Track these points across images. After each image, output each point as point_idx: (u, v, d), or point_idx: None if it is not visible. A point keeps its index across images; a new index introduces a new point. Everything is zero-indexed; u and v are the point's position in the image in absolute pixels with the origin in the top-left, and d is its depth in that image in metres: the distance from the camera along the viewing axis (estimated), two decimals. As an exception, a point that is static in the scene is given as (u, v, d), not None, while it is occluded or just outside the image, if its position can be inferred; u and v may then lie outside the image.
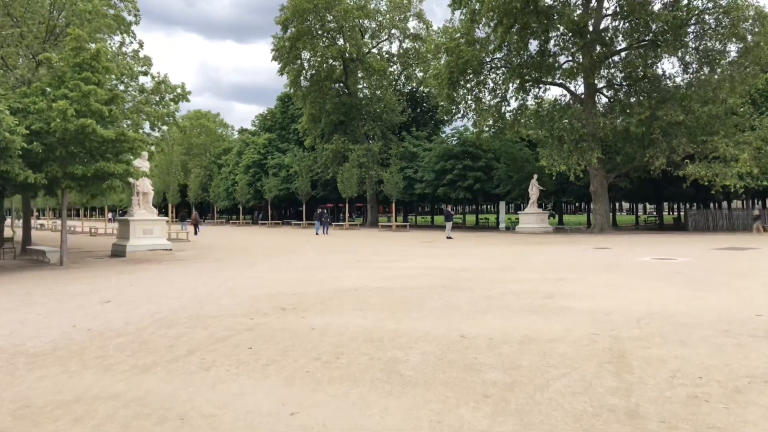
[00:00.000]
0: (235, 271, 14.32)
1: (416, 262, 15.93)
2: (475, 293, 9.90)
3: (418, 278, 12.17)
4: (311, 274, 13.36)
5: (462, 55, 33.71)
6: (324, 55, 47.27)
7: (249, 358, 5.86)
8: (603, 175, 33.92)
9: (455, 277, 12.19)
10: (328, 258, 17.80)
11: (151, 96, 24.47)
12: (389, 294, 9.93)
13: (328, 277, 12.52)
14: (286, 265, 15.62)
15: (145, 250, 19.86)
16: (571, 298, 9.23)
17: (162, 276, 13.71)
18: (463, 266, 14.56)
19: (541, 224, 35.32)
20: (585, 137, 31.82)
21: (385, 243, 26.01)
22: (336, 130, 49.45)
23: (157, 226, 20.59)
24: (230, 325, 7.56)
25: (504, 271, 13.50)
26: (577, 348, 6.00)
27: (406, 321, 7.57)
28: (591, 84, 33.56)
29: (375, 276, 12.67)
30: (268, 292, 10.51)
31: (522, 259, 16.71)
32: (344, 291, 10.41)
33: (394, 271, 13.75)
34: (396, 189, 41.24)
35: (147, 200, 20.75)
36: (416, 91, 55.19)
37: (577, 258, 16.72)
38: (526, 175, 37.60)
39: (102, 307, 9.25)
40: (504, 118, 36.86)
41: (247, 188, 58.01)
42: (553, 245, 22.88)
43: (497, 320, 7.53)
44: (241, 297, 9.97)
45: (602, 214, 34.21)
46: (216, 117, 77.50)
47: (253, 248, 23.47)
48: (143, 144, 17.62)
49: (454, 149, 41.11)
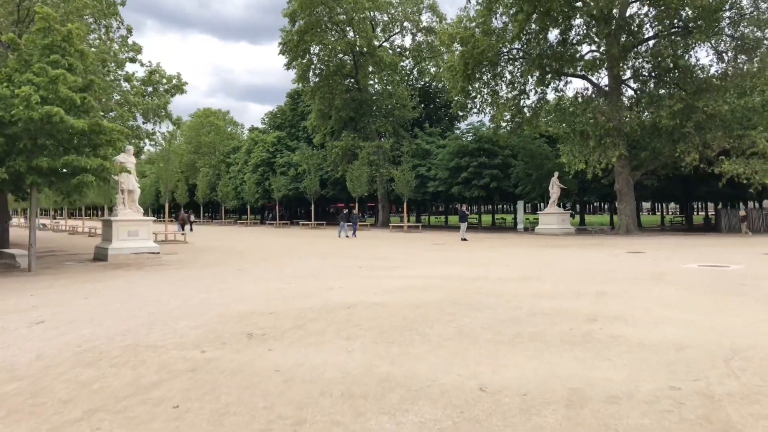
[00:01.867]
0: (216, 280, 12.45)
1: (426, 270, 13.93)
2: (496, 313, 7.89)
3: (427, 291, 10.18)
4: (301, 284, 11.43)
5: (477, 46, 31.62)
6: (333, 49, 45.42)
7: (165, 428, 3.93)
8: (628, 172, 31.63)
9: (471, 290, 10.18)
10: (327, 264, 15.87)
11: (142, 87, 22.80)
12: (388, 314, 7.96)
13: (319, 289, 10.58)
14: (276, 273, 13.72)
15: (129, 253, 18.10)
16: (620, 322, 7.18)
17: (131, 286, 11.87)
18: (479, 275, 12.54)
19: (562, 225, 33.08)
20: (610, 132, 29.57)
21: (394, 245, 24.04)
22: (346, 127, 47.59)
23: (143, 227, 18.81)
24: (170, 362, 5.65)
25: (528, 281, 11.45)
26: (656, 417, 3.98)
27: (405, 359, 5.60)
28: (616, 75, 31.30)
29: (375, 288, 10.70)
30: (241, 309, 8.60)
31: (547, 265, 14.63)
32: (333, 309, 8.46)
33: (400, 280, 11.77)
34: (408, 187, 39.22)
35: (133, 199, 18.99)
36: (429, 87, 53.16)
37: (611, 264, 14.59)
38: (545, 173, 35.38)
39: (27, 330, 7.39)
40: (522, 112, 34.68)
41: (256, 187, 56.37)
42: (579, 248, 20.74)
43: (529, 359, 5.52)
44: (206, 316, 8.07)
45: (628, 215, 31.92)
46: (225, 115, 76.04)
47: (250, 251, 21.65)
48: (123, 136, 15.83)
49: (469, 146, 38.98)
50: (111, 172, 15.69)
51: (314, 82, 47.71)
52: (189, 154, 70.27)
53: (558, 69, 33.16)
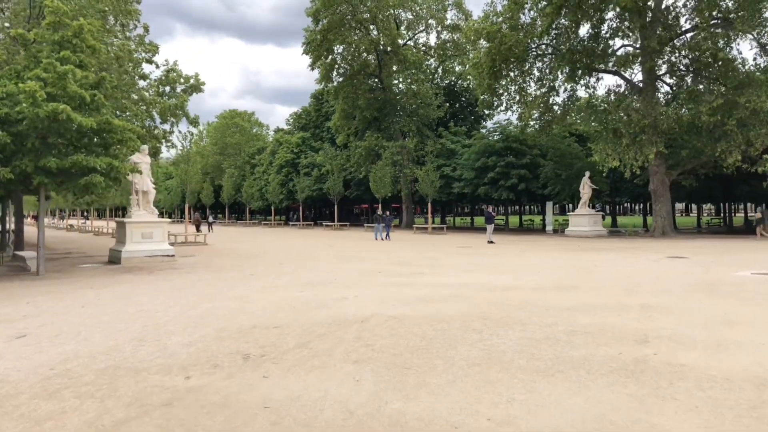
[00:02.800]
0: (225, 286, 11.68)
1: (450, 276, 12.95)
2: (528, 331, 6.90)
3: (450, 302, 9.22)
4: (314, 292, 10.57)
5: (504, 41, 30.44)
6: (357, 48, 44.68)
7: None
8: (664, 172, 30.08)
9: (500, 301, 9.18)
10: (345, 268, 15.00)
11: (159, 86, 22.32)
12: (405, 331, 7.03)
13: (331, 299, 9.70)
14: (289, 278, 12.89)
15: (142, 256, 17.53)
16: (678, 344, 6.12)
17: (135, 293, 11.17)
18: (509, 283, 11.51)
19: (594, 227, 31.66)
20: (645, 129, 28.10)
21: (417, 248, 23.07)
22: (369, 127, 46.79)
23: (158, 229, 18.22)
24: (146, 392, 4.82)
25: (564, 291, 10.39)
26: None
27: (422, 392, 4.66)
28: (651, 69, 29.76)
29: (394, 297, 9.78)
30: (243, 323, 7.77)
31: (583, 272, 13.50)
32: (345, 323, 7.56)
33: (421, 289, 10.83)
34: (432, 188, 38.16)
35: (147, 200, 18.42)
36: (454, 85, 52.03)
37: (654, 271, 13.40)
38: (575, 173, 33.98)
39: (4, 346, 6.67)
40: (552, 110, 33.34)
41: (280, 188, 55.99)
42: (615, 252, 19.48)
43: (573, 395, 4.53)
44: (203, 331, 7.26)
45: (663, 216, 30.36)
46: (251, 116, 75.98)
47: (267, 254, 20.93)
48: (135, 136, 15.23)
49: (496, 145, 37.74)
50: (121, 172, 15.11)
51: (338, 81, 47.05)
52: (215, 156, 70.35)
53: (589, 65, 31.74)
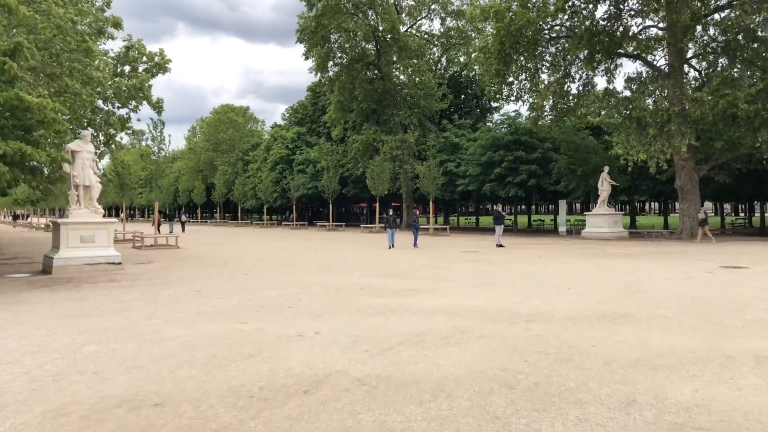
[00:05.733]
0: (143, 313, 8.59)
1: (454, 296, 9.84)
2: (593, 421, 3.78)
3: (453, 346, 6.13)
4: (258, 326, 7.48)
5: (515, 21, 27.28)
6: (354, 35, 41.50)
7: None
8: (692, 166, 26.88)
9: (528, 345, 6.09)
10: (321, 283, 11.90)
11: (117, 65, 19.28)
12: (372, 421, 3.93)
13: (277, 339, 6.61)
14: (239, 299, 9.79)
15: (81, 264, 14.46)
16: None
17: (13, 323, 8.10)
18: (534, 308, 8.40)
19: (614, 228, 28.47)
20: (674, 118, 24.89)
21: (415, 253, 19.96)
22: (367, 120, 43.67)
23: (102, 231, 15.11)
24: None
25: (616, 323, 7.28)
26: None
27: None
28: (681, 51, 26.52)
29: (370, 337, 6.69)
30: (112, 391, 4.70)
31: (627, 288, 10.36)
32: (275, 398, 4.48)
33: (412, 319, 7.74)
34: (434, 185, 35.00)
35: (90, 196, 15.33)
36: (459, 75, 48.81)
37: (720, 288, 10.24)
38: (592, 168, 30.79)
39: None
40: (567, 98, 30.12)
41: (274, 186, 52.92)
42: (650, 259, 16.32)
43: None
44: (29, 413, 4.19)
45: (692, 216, 27.15)
46: (245, 111, 72.86)
47: (239, 260, 17.85)
48: (58, 116, 12.19)
49: (504, 138, 34.50)
50: (41, 161, 12.06)
51: (334, 72, 43.94)
52: (207, 152, 67.35)
53: (609, 48, 28.52)
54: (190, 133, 76.07)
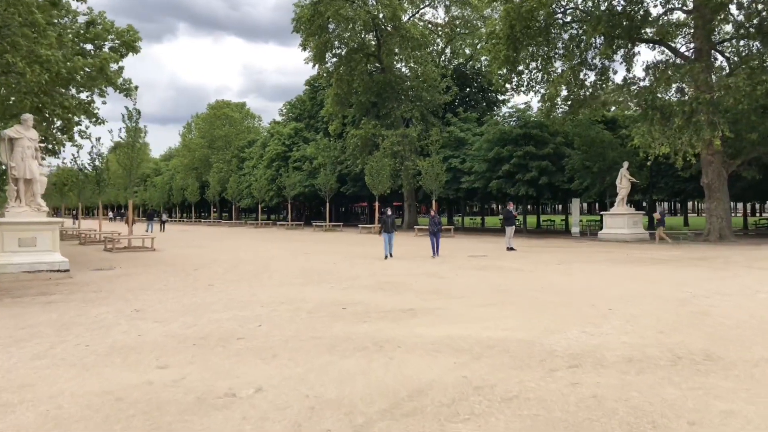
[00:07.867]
0: (32, 350, 6.27)
1: (459, 321, 7.50)
2: None
3: (461, 422, 3.77)
4: (179, 374, 5.16)
5: (526, 1, 24.89)
6: (353, 23, 39.10)
7: None
8: (721, 162, 24.44)
9: (576, 417, 3.73)
10: (294, 299, 9.57)
11: (76, 42, 16.97)
12: None
13: (191, 408, 4.26)
14: (181, 323, 7.47)
15: (18, 271, 12.19)
16: None
17: None
18: (572, 345, 6.04)
19: (634, 229, 26.04)
20: (703, 107, 22.46)
21: (416, 259, 17.62)
22: (367, 114, 41.28)
23: (45, 233, 12.83)
24: None
25: (696, 371, 4.93)
26: None
27: None
28: (709, 33, 24.11)
29: (334, 402, 4.35)
30: None
31: (685, 310, 8.00)
32: None
33: (403, 363, 5.41)
34: (437, 183, 32.62)
35: (32, 192, 13.06)
36: (464, 67, 46.37)
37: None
38: (608, 165, 28.36)
39: None
40: (584, 86, 27.70)
41: (269, 184, 50.59)
42: (690, 268, 13.94)
43: None
44: None
45: (721, 216, 24.73)
46: (242, 107, 70.55)
47: (213, 265, 15.55)
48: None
49: (513, 132, 32.03)
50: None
51: (332, 63, 41.58)
52: (202, 149, 65.08)
53: (627, 32, 26.08)
54: (185, 129, 73.82)
